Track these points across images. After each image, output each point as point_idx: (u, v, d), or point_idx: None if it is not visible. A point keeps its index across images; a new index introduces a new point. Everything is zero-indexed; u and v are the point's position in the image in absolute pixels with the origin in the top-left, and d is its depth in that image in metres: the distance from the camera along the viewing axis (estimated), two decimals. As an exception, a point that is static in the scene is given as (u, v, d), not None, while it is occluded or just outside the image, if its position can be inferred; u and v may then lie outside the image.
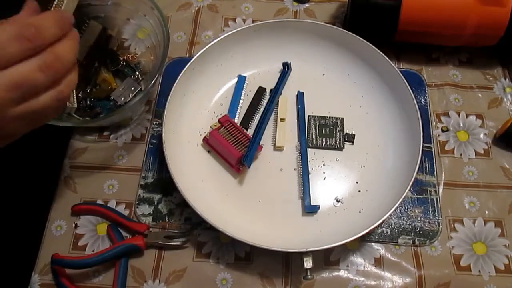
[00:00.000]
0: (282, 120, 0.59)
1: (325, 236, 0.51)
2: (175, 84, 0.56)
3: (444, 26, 0.61)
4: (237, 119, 0.60)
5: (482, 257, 0.53)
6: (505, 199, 0.56)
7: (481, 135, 0.61)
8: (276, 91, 0.60)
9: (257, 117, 0.60)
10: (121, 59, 0.62)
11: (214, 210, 0.51)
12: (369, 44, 0.59)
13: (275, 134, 0.58)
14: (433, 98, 0.63)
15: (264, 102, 0.61)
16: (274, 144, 0.58)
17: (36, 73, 0.35)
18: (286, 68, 0.62)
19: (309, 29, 0.62)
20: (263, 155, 0.57)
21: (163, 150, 0.52)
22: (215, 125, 0.57)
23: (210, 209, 0.50)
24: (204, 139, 0.57)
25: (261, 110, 0.60)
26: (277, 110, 0.60)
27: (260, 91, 0.61)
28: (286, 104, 0.60)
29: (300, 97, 0.61)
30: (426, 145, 0.59)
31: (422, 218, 0.54)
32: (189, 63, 0.57)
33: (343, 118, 0.60)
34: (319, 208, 0.53)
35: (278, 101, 0.61)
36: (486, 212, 0.55)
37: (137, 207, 0.55)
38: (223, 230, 0.48)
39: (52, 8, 0.42)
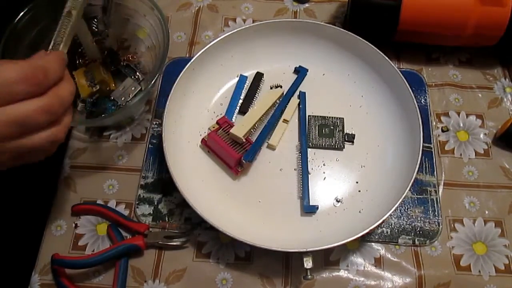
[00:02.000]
0: (285, 121, 0.59)
1: (325, 236, 0.51)
2: (175, 84, 0.56)
3: (444, 26, 0.61)
4: (235, 119, 0.60)
5: (482, 257, 0.53)
6: (505, 199, 0.56)
7: (481, 135, 0.61)
8: (291, 93, 0.61)
9: (255, 102, 0.60)
10: (121, 59, 0.62)
11: (214, 210, 0.51)
12: (369, 44, 0.59)
13: (273, 132, 0.58)
14: (433, 98, 0.63)
15: (262, 87, 0.62)
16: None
17: (37, 114, 0.36)
18: (300, 72, 0.62)
19: (309, 29, 0.62)
20: (263, 155, 0.57)
21: (163, 150, 0.52)
22: (213, 127, 0.57)
23: (210, 209, 0.50)
24: (202, 141, 0.57)
25: (260, 94, 0.61)
26: (283, 110, 0.60)
27: (258, 76, 0.62)
28: (295, 106, 0.60)
29: (302, 97, 0.61)
30: (426, 145, 0.59)
31: (422, 218, 0.55)
32: (189, 63, 0.57)
33: (343, 118, 0.60)
34: (318, 208, 0.53)
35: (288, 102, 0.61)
36: (486, 212, 0.55)
37: (137, 207, 0.55)
38: (223, 230, 0.48)
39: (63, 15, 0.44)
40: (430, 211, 0.55)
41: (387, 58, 0.58)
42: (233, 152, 0.54)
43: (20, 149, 0.37)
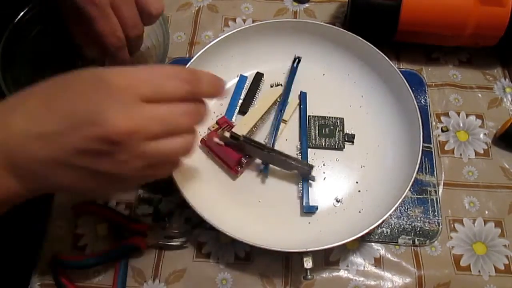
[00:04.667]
0: (284, 121, 0.59)
1: (325, 236, 0.51)
2: (175, 84, 0.56)
3: (444, 26, 0.61)
4: (235, 119, 0.60)
5: (482, 257, 0.53)
6: (505, 199, 0.56)
7: (481, 135, 0.61)
8: (288, 90, 0.61)
9: (255, 102, 0.60)
10: None
11: (214, 210, 0.51)
12: (369, 44, 0.59)
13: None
14: (433, 98, 0.63)
15: (262, 87, 0.62)
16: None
17: (183, 117, 0.36)
18: (295, 63, 0.62)
19: (309, 29, 0.62)
20: (263, 155, 0.57)
21: (163, 150, 0.52)
22: (213, 127, 0.57)
23: (210, 209, 0.50)
24: (202, 141, 0.57)
25: (259, 94, 0.61)
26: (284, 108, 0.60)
27: (258, 76, 0.62)
28: (294, 106, 0.60)
29: (302, 97, 0.61)
30: (426, 145, 0.59)
31: (422, 218, 0.55)
32: (189, 63, 0.57)
33: (343, 118, 0.60)
34: (317, 208, 0.53)
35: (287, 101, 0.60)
36: (486, 212, 0.55)
37: (137, 207, 0.55)
38: (223, 230, 0.48)
39: None
40: (430, 211, 0.55)
41: (387, 58, 0.58)
42: (233, 152, 0.54)
43: (156, 153, 0.35)
